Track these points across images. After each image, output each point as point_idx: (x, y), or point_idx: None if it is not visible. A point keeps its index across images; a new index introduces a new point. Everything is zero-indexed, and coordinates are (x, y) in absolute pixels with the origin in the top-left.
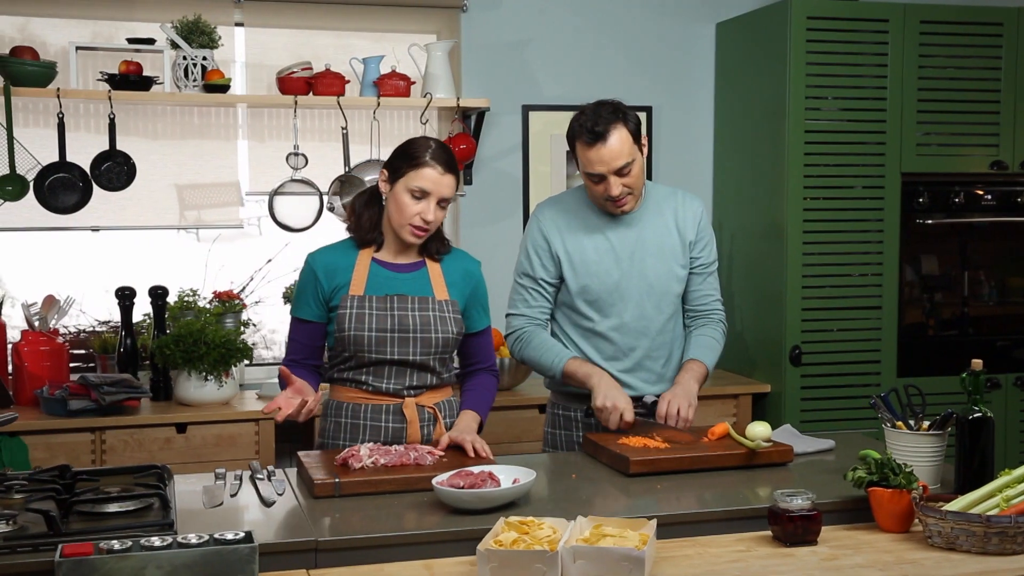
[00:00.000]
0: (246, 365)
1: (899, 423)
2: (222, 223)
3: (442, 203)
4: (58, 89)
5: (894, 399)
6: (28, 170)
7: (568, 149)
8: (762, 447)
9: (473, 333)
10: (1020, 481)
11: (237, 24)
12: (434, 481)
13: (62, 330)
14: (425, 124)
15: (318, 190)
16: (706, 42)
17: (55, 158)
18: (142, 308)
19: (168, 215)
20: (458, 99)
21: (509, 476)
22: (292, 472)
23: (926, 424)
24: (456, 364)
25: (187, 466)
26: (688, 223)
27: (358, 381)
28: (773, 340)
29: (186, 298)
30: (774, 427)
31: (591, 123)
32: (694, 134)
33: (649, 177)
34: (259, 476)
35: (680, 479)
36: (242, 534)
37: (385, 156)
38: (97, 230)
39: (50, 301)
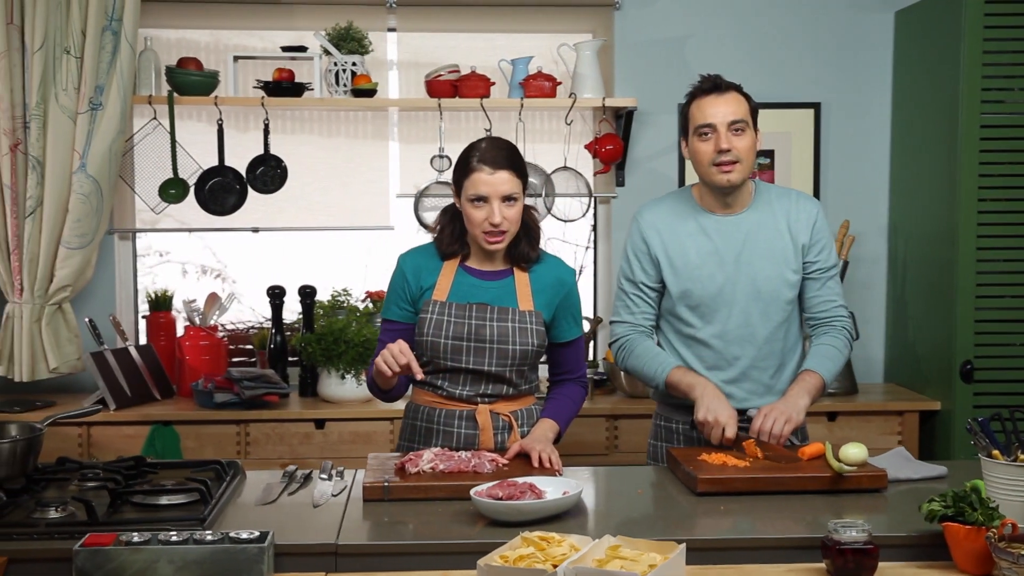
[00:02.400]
0: None
1: (995, 452)
2: (373, 224)
3: (507, 200)
4: (216, 97)
5: (997, 424)
6: (190, 175)
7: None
8: (846, 471)
9: (562, 343)
10: None
11: (390, 29)
12: (472, 491)
13: (229, 326)
14: (570, 124)
15: None
16: (883, 32)
17: (212, 162)
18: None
19: (321, 216)
20: (603, 99)
21: (559, 489)
22: None
23: None
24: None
25: (325, 461)
26: (801, 225)
27: (434, 386)
28: (943, 354)
29: (338, 297)
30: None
31: (713, 80)
32: (869, 132)
33: (816, 180)
34: (323, 476)
35: (750, 501)
36: (256, 534)
37: (530, 157)
38: (257, 231)
39: (213, 299)
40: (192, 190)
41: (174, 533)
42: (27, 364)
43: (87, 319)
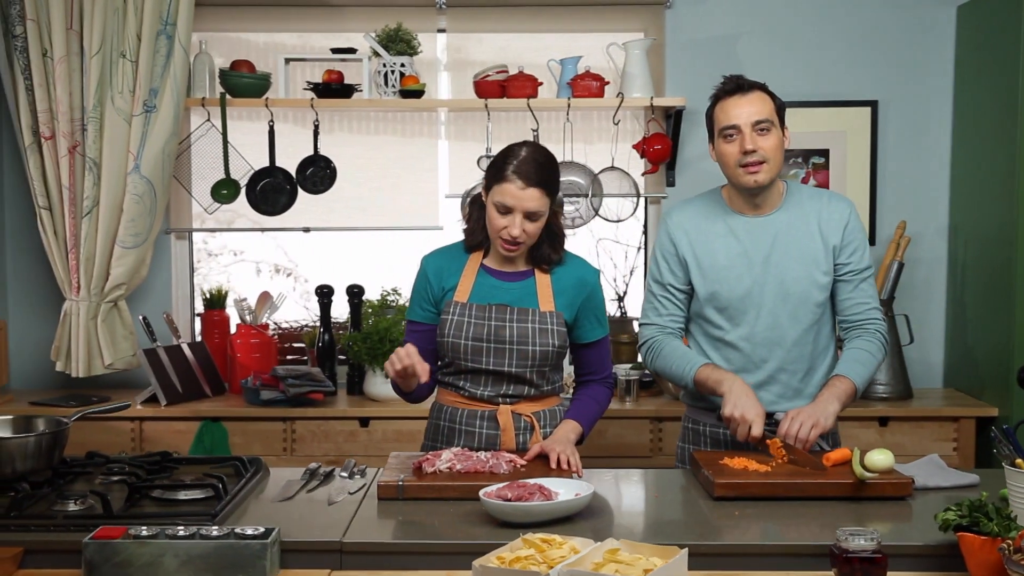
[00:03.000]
0: None
1: (1019, 460)
2: (422, 224)
3: (530, 217)
4: (267, 99)
5: (1022, 433)
6: (242, 175)
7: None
8: (867, 477)
9: (586, 344)
10: None
11: (440, 31)
12: (481, 492)
13: (284, 324)
14: (617, 124)
15: None
16: (944, 28)
17: (264, 162)
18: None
19: (370, 216)
20: (651, 98)
21: (571, 490)
22: None
23: None
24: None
25: (368, 459)
26: (832, 226)
27: (456, 386)
28: (1001, 358)
29: (387, 297)
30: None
31: (735, 81)
32: (928, 131)
33: (873, 179)
34: (343, 474)
35: (769, 507)
36: (262, 530)
37: (578, 157)
38: (308, 231)
39: (265, 298)
40: (244, 191)
41: (181, 528)
42: (83, 360)
43: (141, 317)
